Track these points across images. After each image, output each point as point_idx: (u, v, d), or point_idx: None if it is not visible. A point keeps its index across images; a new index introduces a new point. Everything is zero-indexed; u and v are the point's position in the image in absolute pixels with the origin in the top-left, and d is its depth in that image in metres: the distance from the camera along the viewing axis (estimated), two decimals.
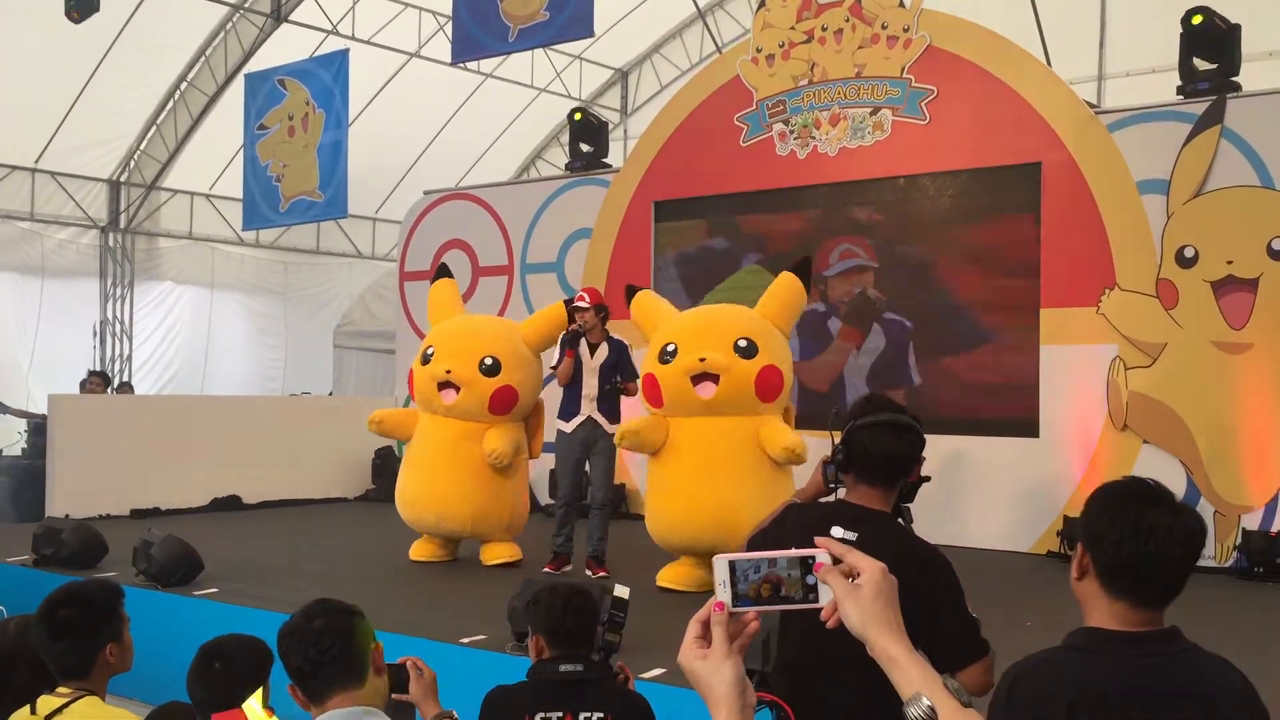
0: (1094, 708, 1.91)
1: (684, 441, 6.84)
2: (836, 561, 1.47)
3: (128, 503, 10.25)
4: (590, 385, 7.51)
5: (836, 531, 2.86)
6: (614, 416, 7.56)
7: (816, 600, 1.46)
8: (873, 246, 9.81)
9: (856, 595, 1.44)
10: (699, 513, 6.67)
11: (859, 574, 1.46)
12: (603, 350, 7.56)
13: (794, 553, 1.47)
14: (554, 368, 7.62)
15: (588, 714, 3.14)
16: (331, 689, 2.42)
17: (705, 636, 1.44)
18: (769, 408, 6.83)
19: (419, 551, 8.06)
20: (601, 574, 7.16)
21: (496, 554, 7.86)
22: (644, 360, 7.13)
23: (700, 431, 6.79)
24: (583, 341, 7.57)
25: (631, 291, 7.52)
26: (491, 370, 7.72)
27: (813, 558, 1.46)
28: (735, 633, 1.45)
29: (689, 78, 12.85)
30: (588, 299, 7.59)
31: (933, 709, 1.42)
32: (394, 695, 2.61)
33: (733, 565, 1.46)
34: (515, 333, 8.09)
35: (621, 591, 4.55)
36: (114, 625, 3.05)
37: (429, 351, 7.93)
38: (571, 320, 7.62)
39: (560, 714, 3.13)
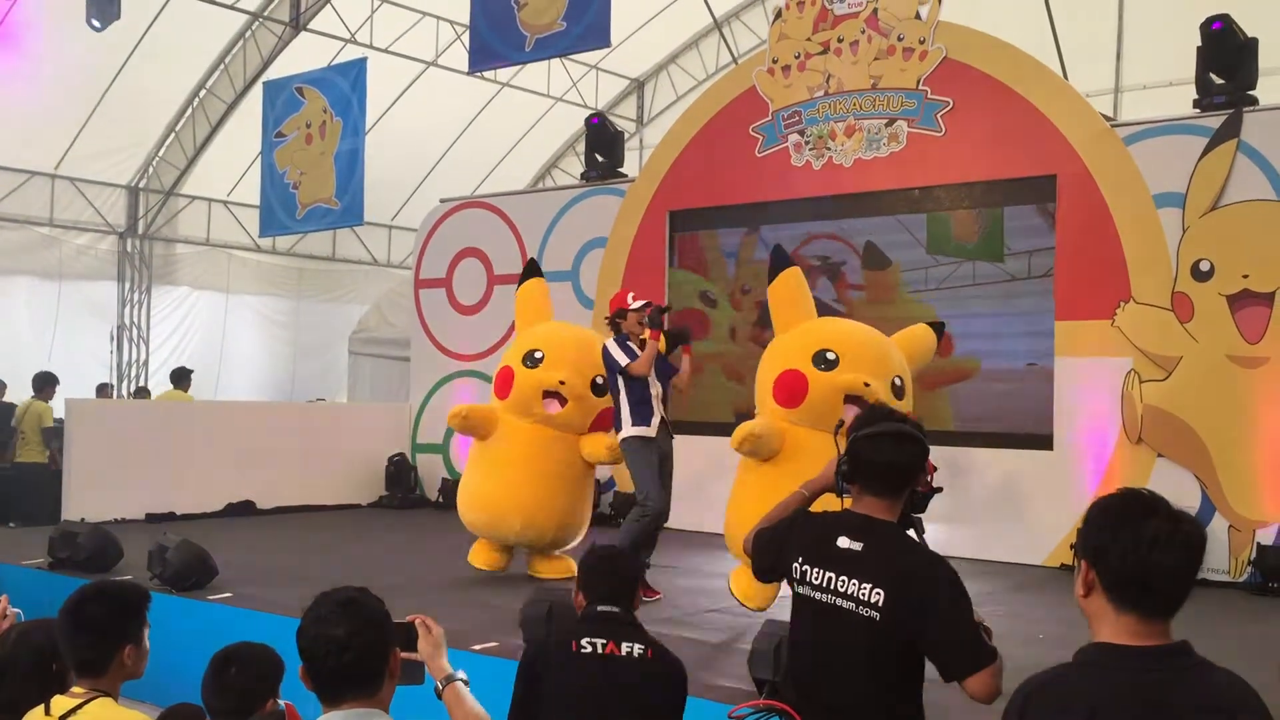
0: None
1: (806, 449, 6.16)
2: None
3: (143, 507, 10.30)
4: (656, 385, 7.16)
5: (842, 541, 2.87)
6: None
7: None
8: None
9: None
10: None
11: None
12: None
13: None
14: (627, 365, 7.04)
15: (629, 645, 3.36)
16: (344, 697, 2.43)
17: None
18: None
19: (481, 559, 7.65)
20: (655, 596, 6.85)
21: (553, 569, 7.60)
22: (783, 351, 6.57)
23: (817, 442, 6.09)
24: (631, 346, 7.13)
25: (784, 260, 6.85)
26: (602, 390, 7.45)
27: None
28: None
29: (705, 88, 12.88)
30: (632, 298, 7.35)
31: None
32: (403, 654, 2.59)
33: None
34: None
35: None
36: (137, 627, 3.08)
37: (537, 355, 7.58)
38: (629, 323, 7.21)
39: (604, 641, 3.35)
